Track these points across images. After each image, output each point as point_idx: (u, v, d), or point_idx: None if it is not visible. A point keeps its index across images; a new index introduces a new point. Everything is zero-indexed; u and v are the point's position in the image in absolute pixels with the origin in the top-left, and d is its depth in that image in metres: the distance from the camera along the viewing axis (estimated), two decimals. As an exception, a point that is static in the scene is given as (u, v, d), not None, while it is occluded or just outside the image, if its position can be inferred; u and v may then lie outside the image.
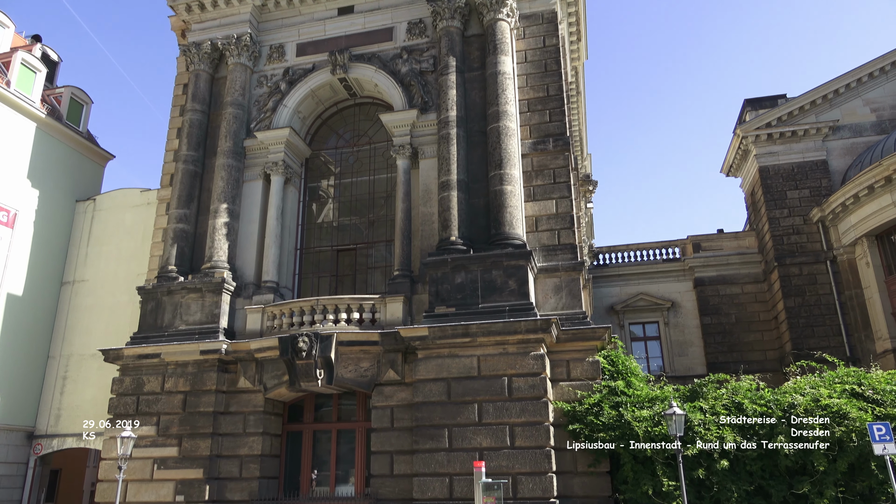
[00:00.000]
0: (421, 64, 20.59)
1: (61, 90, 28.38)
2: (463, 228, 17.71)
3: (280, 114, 21.36)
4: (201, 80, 22.18)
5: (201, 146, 21.51)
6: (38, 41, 30.45)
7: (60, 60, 30.91)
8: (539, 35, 20.37)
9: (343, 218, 22.01)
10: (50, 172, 26.16)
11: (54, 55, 30.56)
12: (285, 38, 22.43)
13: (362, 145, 22.25)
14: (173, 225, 20.38)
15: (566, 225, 18.06)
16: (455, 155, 18.37)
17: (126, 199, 26.26)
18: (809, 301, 29.15)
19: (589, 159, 37.30)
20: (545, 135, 19.12)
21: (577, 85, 28.42)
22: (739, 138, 32.91)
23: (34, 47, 28.96)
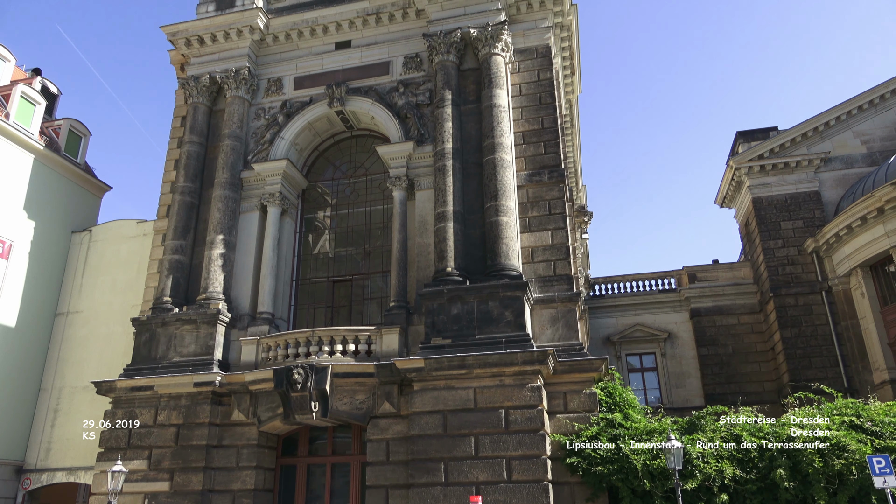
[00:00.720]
0: (417, 97, 20.86)
1: (60, 122, 28.60)
2: (459, 259, 17.75)
3: (277, 146, 21.54)
4: (199, 112, 22.40)
5: (198, 178, 21.61)
6: (38, 74, 30.79)
7: (60, 93, 31.21)
8: (534, 69, 20.70)
9: (339, 249, 22.04)
10: (46, 203, 26.21)
11: (54, 88, 30.87)
12: (283, 71, 22.74)
13: (359, 177, 22.40)
14: (169, 256, 20.36)
15: (562, 256, 18.12)
16: (451, 186, 18.51)
17: (122, 230, 26.28)
18: (806, 332, 29.13)
19: (584, 190, 37.58)
20: (540, 166, 19.29)
21: (571, 117, 28.80)
22: (732, 170, 33.25)
23: (34, 80, 29.27)
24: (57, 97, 31.03)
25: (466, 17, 20.58)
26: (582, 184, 36.36)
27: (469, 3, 20.70)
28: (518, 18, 21.25)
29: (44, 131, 27.48)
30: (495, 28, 20.07)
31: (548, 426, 15.83)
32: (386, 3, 21.74)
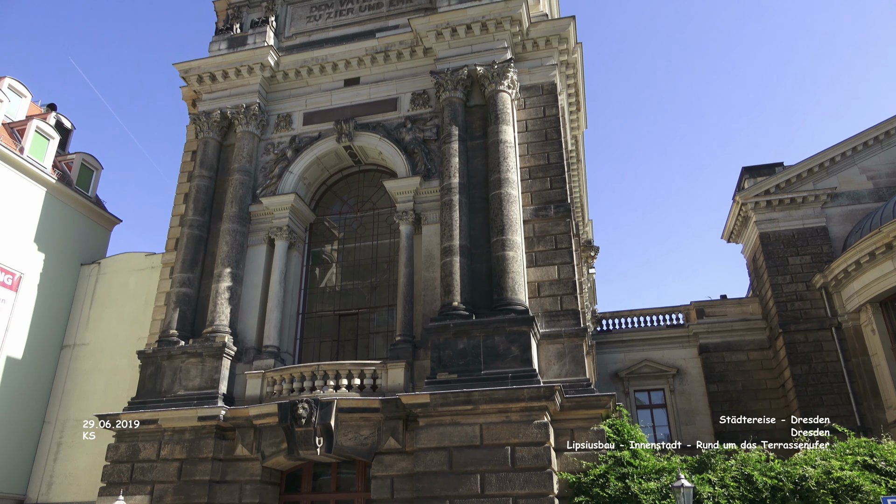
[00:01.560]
0: (424, 132, 21.13)
1: (72, 156, 29.06)
2: (465, 294, 17.74)
3: (286, 180, 21.78)
4: (210, 147, 22.74)
5: (207, 211, 21.83)
6: (52, 109, 31.41)
7: (74, 128, 31.79)
8: (539, 105, 20.98)
9: (346, 282, 22.08)
10: (57, 236, 26.47)
11: (68, 123, 31.45)
12: (293, 107, 23.13)
13: (366, 211, 22.57)
14: (176, 289, 20.45)
15: (568, 290, 18.08)
16: (457, 221, 18.60)
17: (130, 262, 26.45)
18: (816, 368, 28.77)
19: (590, 225, 37.68)
20: (546, 201, 19.40)
21: (577, 153, 29.04)
22: (739, 205, 33.30)
23: (49, 115, 29.85)
24: (70, 132, 31.59)
25: (473, 55, 20.96)
26: (588, 218, 36.47)
27: (476, 41, 21.12)
28: (524, 56, 21.61)
29: (57, 165, 27.91)
30: (501, 66, 20.42)
31: (555, 464, 15.59)
32: (394, 41, 22.19)
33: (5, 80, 27.87)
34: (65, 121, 31.25)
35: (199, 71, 23.31)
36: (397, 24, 23.06)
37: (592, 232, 38.28)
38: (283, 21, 24.89)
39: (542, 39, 21.48)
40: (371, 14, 23.95)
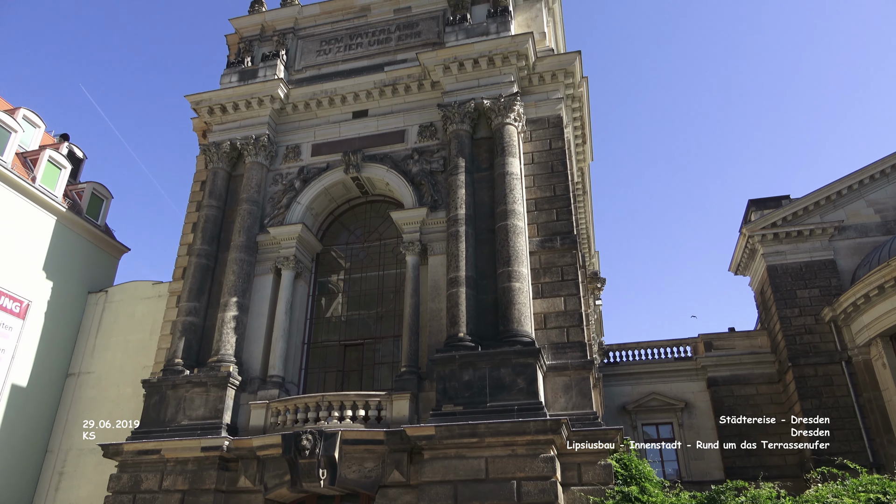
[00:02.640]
0: (431, 164, 21.35)
1: (83, 186, 29.44)
2: (471, 325, 17.71)
3: (293, 210, 21.97)
4: (219, 177, 23.01)
5: (215, 241, 22.00)
6: (65, 140, 31.91)
7: (85, 157, 32.25)
8: (545, 138, 21.20)
9: (351, 312, 22.09)
10: (65, 264, 26.67)
11: (80, 153, 31.91)
12: (301, 139, 23.46)
13: (373, 241, 22.69)
14: (182, 318, 20.50)
15: (575, 322, 18.04)
16: (464, 252, 18.67)
17: (137, 291, 26.57)
18: (827, 403, 28.41)
19: (597, 257, 37.69)
20: (553, 233, 19.48)
21: (583, 185, 29.21)
22: (746, 238, 33.30)
23: (61, 146, 30.32)
24: (82, 161, 32.04)
25: (480, 89, 21.28)
26: (594, 250, 36.49)
27: (483, 75, 21.46)
28: (530, 90, 21.93)
29: (68, 194, 28.26)
30: (508, 99, 20.70)
31: (562, 499, 15.35)
32: (402, 74, 22.58)
33: (20, 110, 28.41)
34: (77, 150, 31.72)
35: (210, 103, 23.72)
36: (405, 58, 23.49)
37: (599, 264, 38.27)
38: (293, 55, 25.39)
39: (549, 74, 21.81)
40: (380, 48, 24.42)
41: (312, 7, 25.85)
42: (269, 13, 26.07)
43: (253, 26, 26.07)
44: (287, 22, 25.77)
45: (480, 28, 22.29)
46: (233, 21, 26.39)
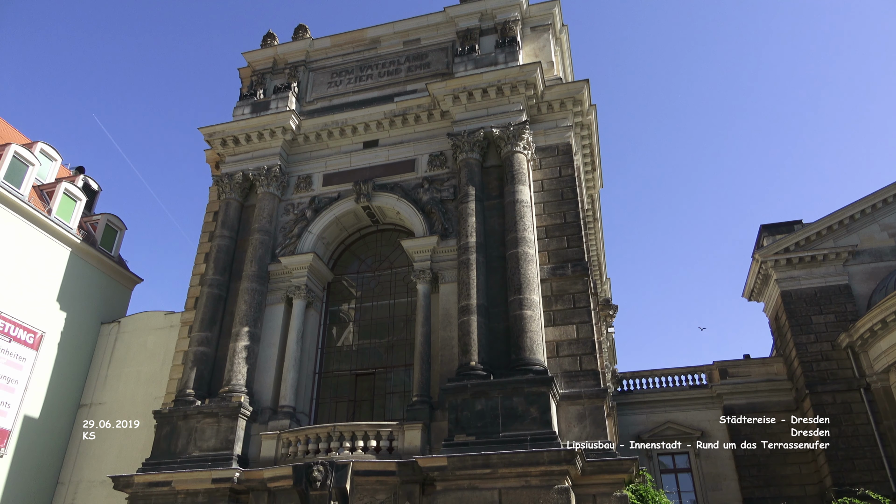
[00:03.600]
0: (441, 193, 21.50)
1: (98, 217, 29.84)
2: (483, 353, 17.63)
3: (304, 240, 22.13)
4: (231, 207, 23.27)
5: (227, 270, 22.16)
6: (81, 172, 32.46)
7: (100, 190, 32.76)
8: (555, 166, 21.32)
9: (363, 341, 22.07)
10: (79, 295, 26.90)
11: (95, 185, 32.43)
12: (313, 169, 23.74)
13: (383, 270, 22.76)
14: (194, 348, 20.56)
15: (588, 350, 17.91)
16: (475, 280, 18.68)
17: (150, 321, 26.71)
18: (846, 431, 27.87)
19: (608, 284, 37.52)
20: (564, 260, 19.47)
21: (593, 212, 29.24)
22: (759, 263, 33.09)
23: (77, 178, 30.82)
24: (97, 193, 32.54)
25: (489, 118, 21.50)
26: (606, 277, 36.35)
27: (492, 104, 21.71)
28: (539, 118, 22.13)
29: (82, 226, 28.64)
30: (517, 128, 20.89)
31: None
32: (412, 105, 22.88)
33: (38, 144, 28.96)
34: (92, 183, 32.23)
35: (224, 135, 24.10)
36: (415, 89, 23.82)
37: (611, 290, 38.08)
38: (304, 87, 25.82)
39: (557, 102, 22.02)
40: (390, 79, 24.79)
41: (324, 40, 26.36)
42: (281, 46, 26.60)
43: (265, 59, 26.59)
44: (299, 55, 26.27)
45: (489, 58, 22.61)
46: (246, 55, 26.94)
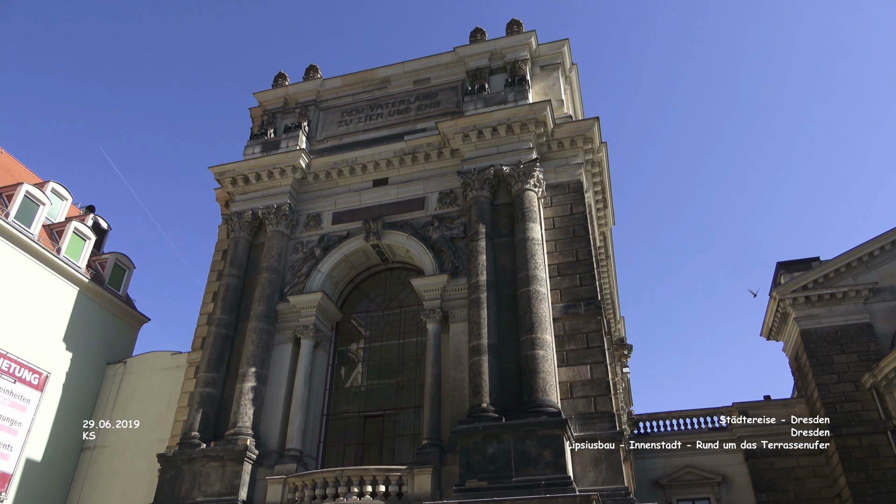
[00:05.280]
0: (451, 231, 21.61)
1: (107, 256, 30.13)
2: (494, 394, 17.45)
3: (313, 279, 22.21)
4: (240, 246, 23.46)
5: (235, 310, 22.22)
6: (91, 211, 32.94)
7: (110, 228, 33.17)
8: (566, 203, 21.43)
9: (371, 382, 21.94)
10: (85, 335, 26.97)
11: (104, 223, 32.85)
12: (322, 207, 23.98)
13: (393, 309, 22.75)
14: (200, 389, 20.50)
15: (602, 391, 17.69)
16: (486, 319, 18.61)
17: (156, 361, 26.67)
18: (874, 476, 27.10)
19: (622, 323, 37.24)
20: (576, 299, 19.39)
21: (606, 249, 29.23)
22: (776, 301, 32.74)
23: (87, 217, 31.25)
24: (107, 232, 32.94)
25: (499, 156, 21.73)
26: (620, 316, 36.10)
27: (502, 142, 21.96)
28: (549, 156, 22.34)
29: (91, 265, 28.91)
30: (527, 165, 21.08)
31: (594, 582, 14.67)
32: (422, 143, 23.18)
33: (49, 184, 29.46)
34: (102, 222, 32.65)
35: (234, 173, 24.46)
36: (425, 128, 24.18)
37: (625, 329, 37.75)
38: (315, 126, 26.27)
39: (567, 140, 22.25)
40: (400, 118, 25.20)
41: (334, 80, 26.91)
42: (292, 86, 27.17)
43: (276, 99, 27.13)
44: (309, 94, 26.79)
45: (499, 97, 22.96)
46: (257, 95, 27.51)
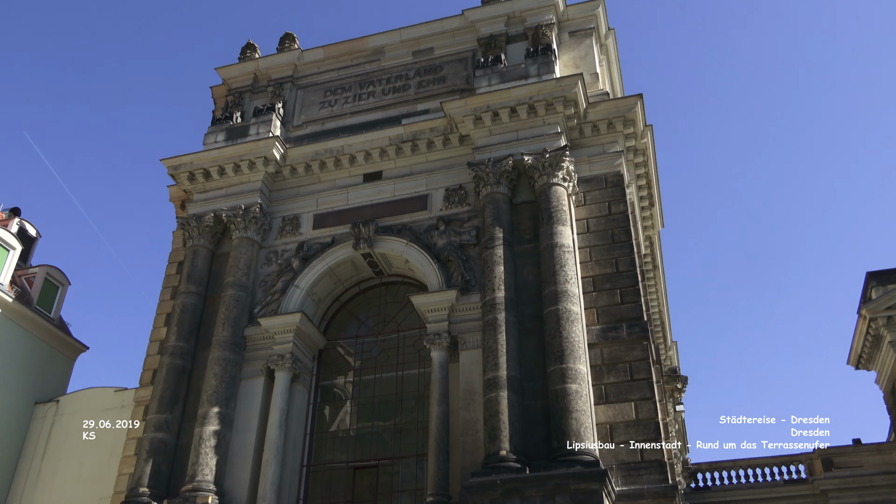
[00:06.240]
0: (461, 236, 21.59)
1: (35, 270, 30.27)
2: (516, 440, 17.35)
3: (290, 296, 22.20)
4: (199, 257, 23.50)
5: (193, 336, 22.22)
6: (15, 215, 33.08)
7: (39, 236, 33.33)
8: (603, 201, 21.38)
9: (363, 424, 21.87)
10: (8, 368, 26.99)
11: (32, 230, 33.00)
12: (301, 208, 24.02)
13: (389, 333, 22.71)
14: (151, 434, 20.45)
15: (650, 435, 17.56)
16: (504, 345, 18.53)
17: (96, 400, 26.63)
18: None
19: (674, 349, 37.13)
20: (617, 319, 19.30)
21: (653, 258, 29.15)
22: (867, 321, 32.57)
23: (10, 222, 31.40)
24: (35, 240, 33.09)
25: (519, 143, 21.73)
26: (671, 340, 35.98)
27: (522, 126, 21.96)
28: (582, 143, 22.32)
29: (15, 280, 29.02)
30: (554, 154, 21.05)
31: None
32: (424, 128, 23.23)
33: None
34: (29, 227, 32.81)
35: (192, 167, 24.55)
36: (427, 109, 24.23)
37: (677, 357, 37.66)
38: (291, 108, 26.37)
39: (604, 122, 22.23)
40: (396, 97, 25.27)
41: (315, 52, 27.02)
42: (263, 60, 27.30)
43: (244, 76, 27.27)
44: (285, 69, 26.91)
45: (518, 70, 22.98)
46: (220, 70, 27.66)
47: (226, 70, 27.59)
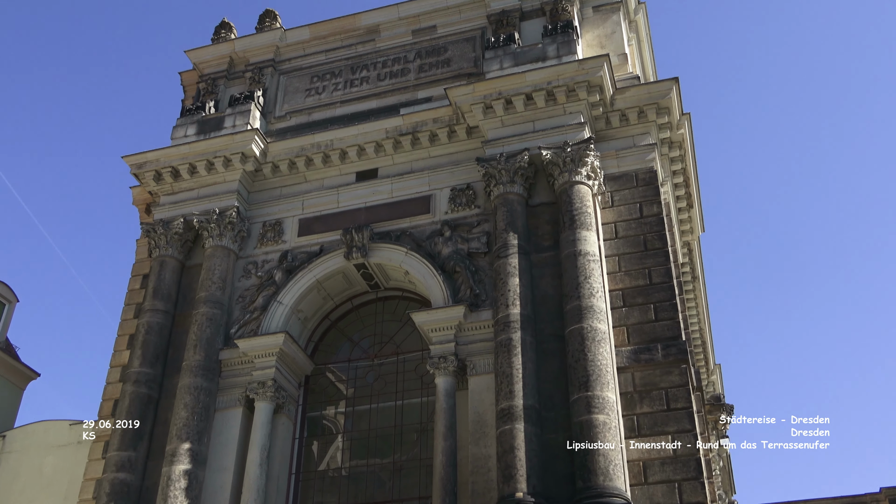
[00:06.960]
0: (469, 243, 21.66)
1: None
2: (534, 479, 17.36)
3: (272, 314, 22.28)
4: (167, 269, 23.61)
5: (160, 360, 22.30)
6: (-44, 221, 33.32)
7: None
8: (634, 201, 21.43)
9: (357, 461, 21.93)
10: (-52, 398, 27.14)
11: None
12: (284, 212, 24.15)
13: (386, 356, 22.77)
14: (111, 474, 20.50)
15: (691, 474, 17.55)
16: (520, 370, 18.56)
17: (49, 435, 26.70)
18: None
19: (717, 373, 37.07)
20: (651, 339, 19.33)
21: (692, 268, 29.15)
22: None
23: (-50, 230, 31.63)
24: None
25: (536, 135, 21.82)
26: (714, 363, 35.93)
27: (539, 116, 22.07)
28: (608, 134, 22.41)
29: (-46, 298, 29.19)
30: (577, 148, 21.12)
31: None
32: (426, 118, 23.34)
33: None
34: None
35: (158, 165, 24.68)
36: (429, 96, 24.38)
37: (721, 383, 37.58)
38: (273, 96, 26.53)
39: (634, 111, 22.30)
40: (393, 83, 25.40)
41: (300, 31, 27.17)
42: (240, 41, 27.49)
43: (218, 60, 27.44)
44: (265, 52, 27.08)
45: (534, 51, 23.08)
46: (190, 53, 27.82)
47: (197, 53, 27.76)
